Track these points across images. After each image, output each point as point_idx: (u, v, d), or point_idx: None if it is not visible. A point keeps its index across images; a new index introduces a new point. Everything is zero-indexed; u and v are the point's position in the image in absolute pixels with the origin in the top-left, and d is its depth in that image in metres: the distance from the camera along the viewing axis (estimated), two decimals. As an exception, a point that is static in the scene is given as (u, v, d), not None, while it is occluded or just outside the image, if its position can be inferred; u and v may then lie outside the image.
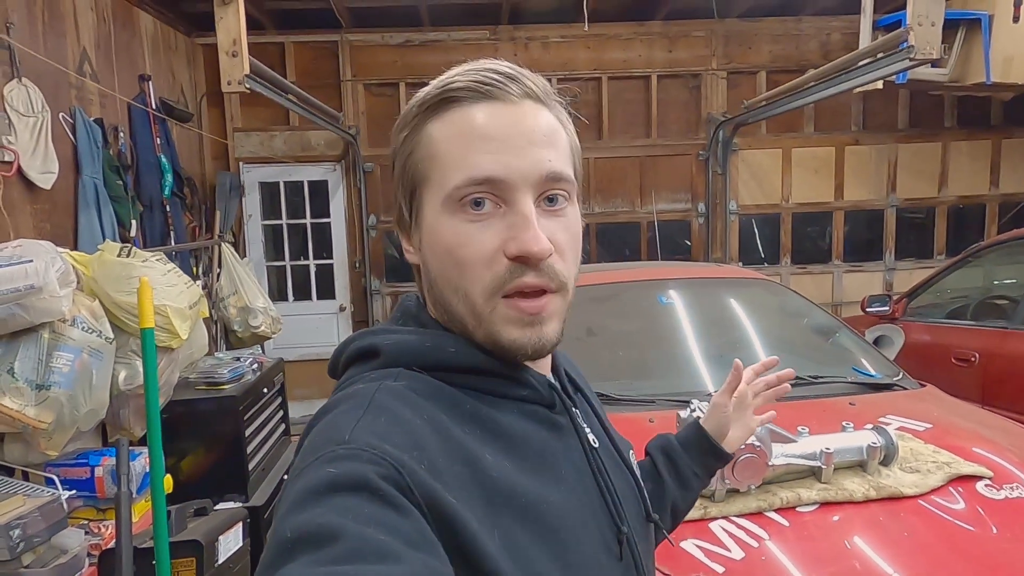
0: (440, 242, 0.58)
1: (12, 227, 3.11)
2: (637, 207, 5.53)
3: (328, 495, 0.45)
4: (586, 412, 0.71)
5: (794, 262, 5.65)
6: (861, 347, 2.52)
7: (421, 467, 0.48)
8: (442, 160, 0.58)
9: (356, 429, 0.50)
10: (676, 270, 3.08)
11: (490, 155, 0.56)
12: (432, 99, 0.59)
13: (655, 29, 5.42)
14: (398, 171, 0.62)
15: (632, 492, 0.72)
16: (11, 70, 3.18)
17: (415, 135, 0.60)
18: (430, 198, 0.59)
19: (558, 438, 0.63)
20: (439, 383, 0.58)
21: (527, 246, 0.55)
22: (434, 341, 0.60)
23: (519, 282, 0.57)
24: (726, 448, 0.95)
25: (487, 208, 0.57)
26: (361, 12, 5.13)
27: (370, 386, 0.55)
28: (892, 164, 5.58)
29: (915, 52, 2.89)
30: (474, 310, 0.58)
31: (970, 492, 1.50)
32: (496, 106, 0.58)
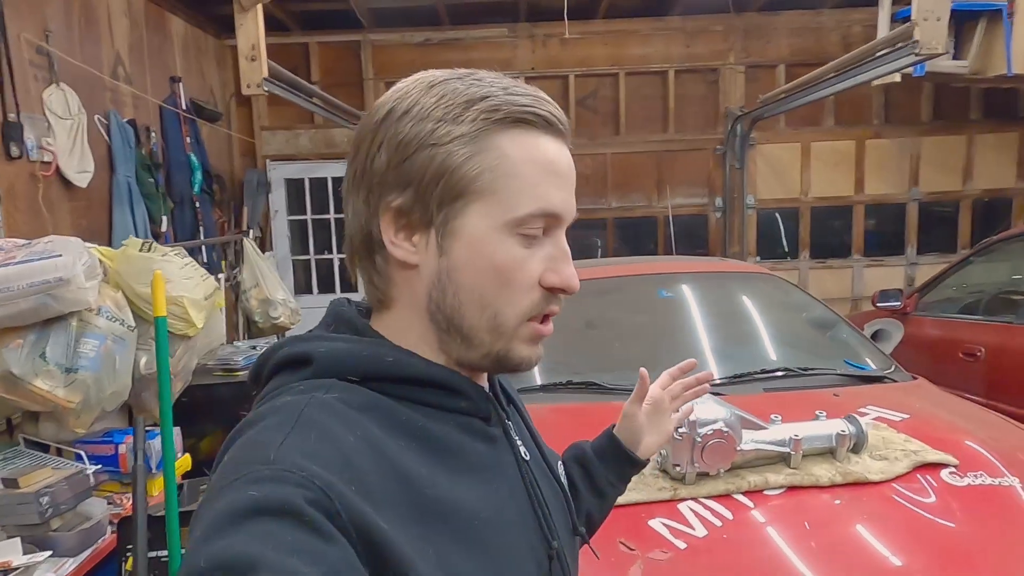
0: (490, 259, 0.57)
1: (52, 223, 3.32)
2: (654, 202, 5.57)
3: (249, 520, 0.43)
4: (518, 424, 0.72)
5: (813, 256, 5.63)
6: (856, 340, 2.56)
7: (351, 489, 0.47)
8: (518, 181, 0.57)
9: (283, 447, 0.47)
10: (679, 265, 3.14)
11: (558, 191, 0.59)
12: (506, 112, 0.57)
13: (673, 24, 5.44)
14: (434, 165, 0.57)
15: (561, 505, 0.72)
16: (50, 75, 3.38)
17: (477, 140, 0.57)
18: (488, 211, 0.57)
19: (493, 451, 0.63)
20: (374, 395, 0.57)
21: (571, 283, 0.60)
22: (371, 350, 0.59)
23: (548, 309, 0.60)
24: (641, 455, 0.94)
25: (536, 237, 0.59)
26: (382, 12, 5.26)
27: (299, 399, 0.53)
28: (915, 158, 5.52)
29: (920, 48, 2.90)
30: (499, 328, 0.59)
31: (934, 479, 1.56)
32: (559, 144, 0.60)
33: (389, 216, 0.58)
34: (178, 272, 1.94)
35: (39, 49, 3.31)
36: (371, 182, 0.58)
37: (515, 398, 0.76)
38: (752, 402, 2.00)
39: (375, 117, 0.59)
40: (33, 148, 3.23)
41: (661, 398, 0.95)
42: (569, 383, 2.24)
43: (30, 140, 3.21)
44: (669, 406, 0.97)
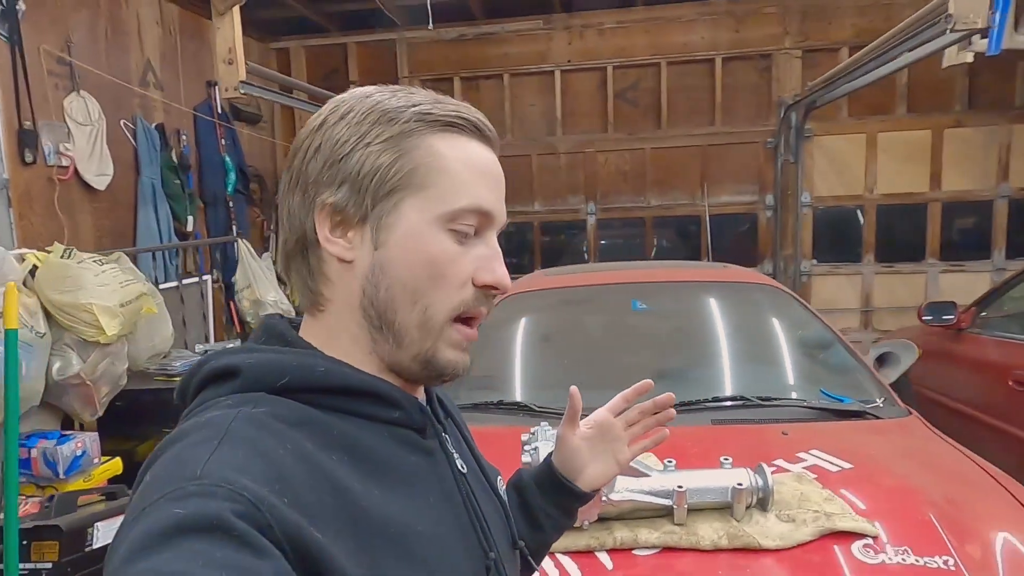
0: (424, 252, 0.58)
1: (70, 225, 3.50)
2: (698, 200, 5.21)
3: (175, 538, 0.41)
4: (456, 438, 0.71)
5: (879, 260, 5.06)
6: (850, 366, 2.22)
7: (283, 501, 0.46)
8: (451, 178, 0.59)
9: (210, 462, 0.46)
10: (670, 272, 2.87)
11: (492, 192, 0.61)
12: (439, 115, 0.60)
13: (720, 8, 5.05)
14: (369, 162, 0.58)
15: (500, 518, 0.72)
16: (71, 83, 3.57)
17: (413, 139, 0.59)
18: (422, 206, 0.58)
19: (428, 463, 0.62)
20: (305, 408, 0.55)
21: (504, 281, 0.61)
22: (301, 360, 0.58)
23: (478, 309, 0.61)
24: (583, 487, 0.87)
25: (470, 235, 0.60)
26: (416, 10, 5.22)
27: (226, 413, 0.51)
28: (1004, 148, 4.83)
29: (954, 23, 2.48)
30: (428, 323, 0.59)
31: (843, 552, 1.28)
32: (488, 151, 0.62)
33: (324, 213, 0.59)
34: (92, 279, 1.95)
35: (60, 60, 3.50)
36: (306, 182, 0.59)
37: (453, 411, 0.75)
38: (691, 436, 1.77)
39: (312, 125, 0.61)
40: (51, 153, 3.41)
41: (610, 424, 0.88)
42: (500, 403, 2.07)
43: (48, 146, 3.40)
44: (623, 433, 0.89)
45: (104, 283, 2.02)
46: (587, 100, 5.34)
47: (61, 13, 3.55)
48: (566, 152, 5.35)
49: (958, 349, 3.26)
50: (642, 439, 0.91)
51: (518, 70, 5.34)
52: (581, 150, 5.32)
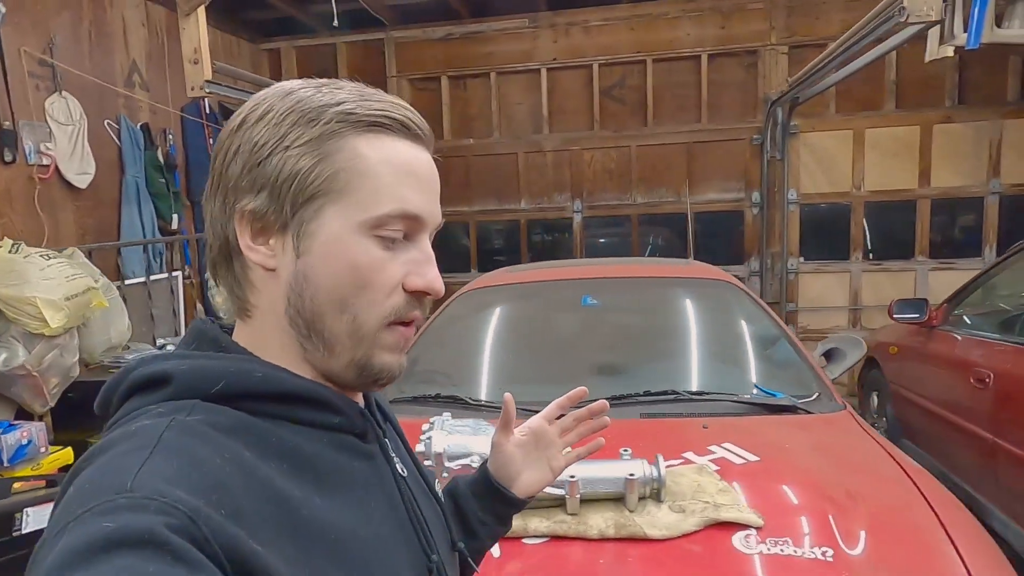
0: (347, 259, 0.56)
1: (50, 223, 3.58)
2: (684, 197, 5.19)
3: (103, 555, 0.38)
4: (395, 442, 0.70)
5: (867, 258, 5.00)
6: (791, 362, 2.21)
7: (220, 513, 0.44)
8: (373, 181, 0.56)
9: (141, 474, 0.44)
10: (628, 268, 2.88)
11: (419, 194, 0.58)
12: (362, 114, 0.57)
13: (705, 4, 5.03)
14: (288, 167, 0.55)
15: (439, 521, 0.71)
16: (53, 84, 3.65)
17: (333, 141, 0.56)
18: (344, 212, 0.56)
19: (369, 468, 0.61)
20: (242, 415, 0.53)
21: (434, 285, 0.59)
22: (237, 365, 0.56)
23: (411, 314, 0.59)
24: (519, 493, 0.87)
25: (398, 239, 0.58)
26: (406, 9, 5.26)
27: (158, 422, 0.49)
28: (995, 144, 4.75)
29: (908, 15, 2.45)
30: (359, 332, 0.57)
31: (723, 542, 1.28)
32: (417, 148, 0.60)
33: (244, 220, 0.57)
34: (37, 273, 2.01)
35: (41, 62, 3.58)
36: (226, 187, 0.57)
37: (390, 415, 0.74)
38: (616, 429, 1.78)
39: (231, 125, 0.58)
40: (32, 153, 3.50)
41: (544, 431, 0.89)
42: (437, 396, 2.10)
43: (29, 145, 3.48)
44: (557, 440, 0.90)
45: (49, 277, 2.08)
46: (573, 98, 5.35)
47: (43, 16, 3.64)
48: (552, 150, 5.36)
49: (929, 347, 3.22)
50: (577, 447, 0.91)
51: (505, 68, 5.36)
52: (567, 148, 5.33)
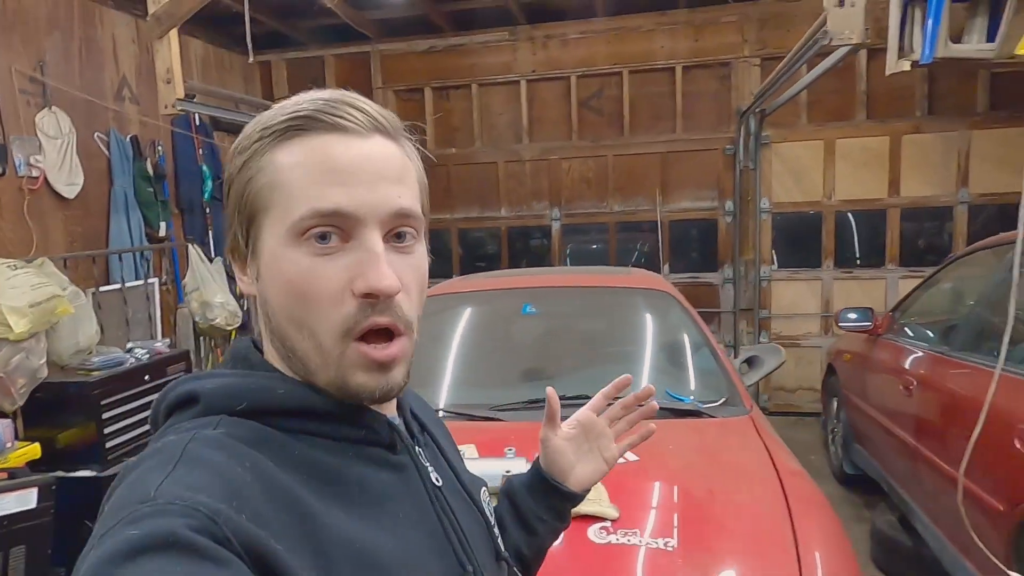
0: (282, 275, 0.55)
1: (40, 232, 3.78)
2: (660, 205, 5.30)
3: (133, 561, 0.40)
4: (432, 451, 0.70)
5: (838, 265, 5.09)
6: (709, 368, 2.33)
7: (242, 516, 0.45)
8: (287, 189, 0.54)
9: (164, 484, 0.45)
10: (569, 278, 3.01)
11: (339, 188, 0.54)
12: (277, 125, 0.56)
13: (679, 18, 5.14)
14: (234, 196, 0.58)
15: (480, 530, 0.70)
16: (43, 100, 3.86)
17: (256, 160, 0.56)
18: (271, 228, 0.55)
19: (398, 480, 0.61)
20: (266, 429, 0.55)
21: (375, 283, 0.53)
22: (260, 383, 0.57)
23: (370, 322, 0.55)
24: (573, 487, 0.85)
25: (333, 242, 0.54)
26: (391, 23, 5.43)
27: (182, 436, 0.51)
28: (963, 154, 4.81)
29: (831, 38, 2.56)
30: (320, 348, 0.55)
31: (579, 532, 1.42)
32: (346, 138, 0.55)
33: (230, 253, 0.61)
34: (4, 282, 2.18)
35: (32, 79, 3.79)
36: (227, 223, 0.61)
37: (429, 425, 0.73)
38: (529, 430, 1.92)
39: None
40: (22, 165, 3.71)
41: (592, 422, 0.87)
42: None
43: (19, 158, 3.69)
44: (607, 430, 0.88)
45: (15, 286, 2.26)
46: (552, 108, 5.48)
47: (34, 35, 3.85)
48: (531, 159, 5.50)
49: (873, 355, 3.32)
50: (629, 435, 0.89)
51: (486, 80, 5.51)
52: (546, 157, 5.46)
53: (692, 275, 5.37)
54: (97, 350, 2.76)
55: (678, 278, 5.37)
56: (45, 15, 3.93)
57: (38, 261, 2.54)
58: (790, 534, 1.43)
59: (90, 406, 2.48)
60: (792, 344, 5.23)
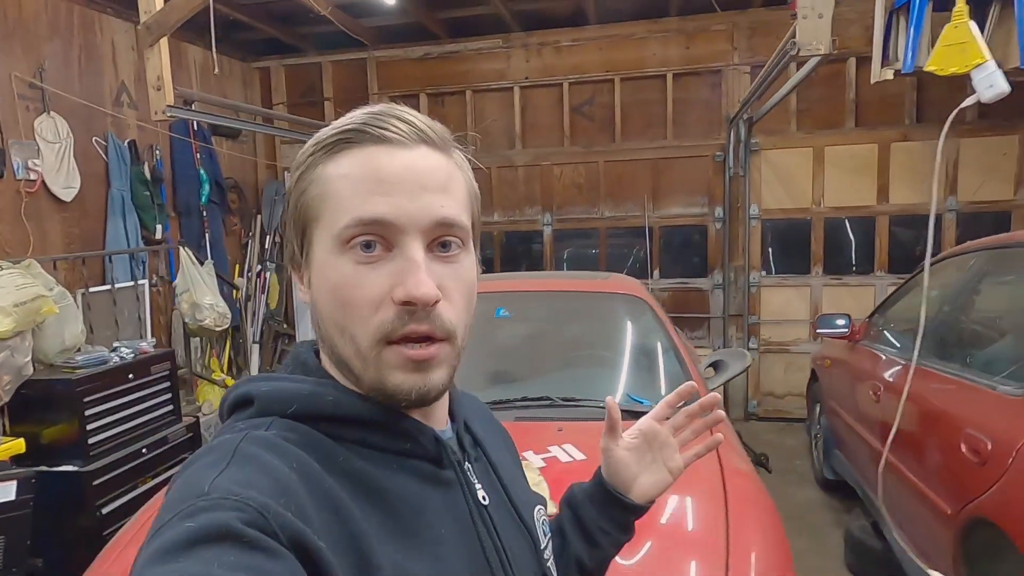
0: (328, 281, 0.57)
1: (38, 233, 3.89)
2: (650, 212, 5.35)
3: (188, 550, 0.43)
4: (483, 466, 0.69)
5: (827, 272, 5.11)
6: (673, 372, 2.38)
7: (289, 512, 0.47)
8: (334, 200, 0.57)
9: (217, 480, 0.48)
10: (550, 282, 3.06)
11: (381, 197, 0.56)
12: (327, 139, 0.59)
13: (670, 26, 5.20)
14: (291, 209, 0.61)
15: (527, 552, 0.68)
16: (42, 106, 3.96)
17: (309, 174, 0.59)
18: (320, 237, 0.58)
19: (442, 495, 0.61)
20: (314, 432, 0.57)
21: (412, 291, 0.54)
22: (312, 388, 0.59)
23: (407, 329, 0.56)
24: (636, 498, 0.83)
25: (377, 251, 0.56)
26: (387, 30, 5.52)
27: (235, 436, 0.54)
28: (951, 162, 4.83)
29: (798, 49, 2.61)
30: (359, 352, 0.57)
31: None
32: (390, 150, 0.57)
33: (290, 263, 0.64)
34: (-12, 283, 2.27)
35: (31, 85, 3.90)
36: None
37: (485, 439, 0.72)
38: None
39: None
40: (20, 168, 3.81)
41: (655, 431, 0.85)
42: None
43: (17, 162, 3.80)
44: (671, 440, 0.86)
45: (1, 286, 2.34)
46: (545, 115, 5.55)
47: (35, 42, 3.96)
48: (524, 165, 5.56)
49: (849, 361, 3.35)
50: (694, 444, 0.87)
51: (480, 87, 5.58)
52: (538, 163, 5.53)
53: (682, 281, 5.41)
54: (83, 349, 2.85)
55: (668, 283, 5.41)
56: (46, 22, 4.04)
57: (25, 262, 2.63)
58: (723, 534, 1.48)
59: (73, 403, 2.56)
60: (781, 350, 5.26)
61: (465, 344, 0.61)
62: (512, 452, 0.79)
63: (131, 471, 2.78)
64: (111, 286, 3.76)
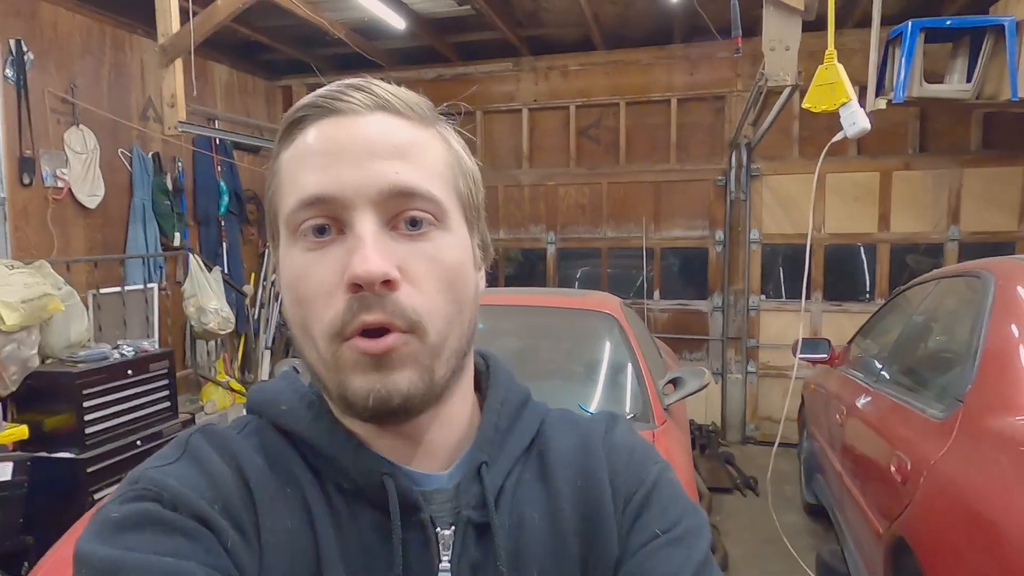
0: (285, 278, 0.51)
1: (62, 237, 4.16)
2: (651, 233, 5.44)
3: (115, 535, 0.45)
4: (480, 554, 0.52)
5: (827, 298, 5.12)
6: (631, 387, 2.47)
7: (213, 507, 0.47)
8: (284, 184, 0.51)
9: (149, 470, 0.49)
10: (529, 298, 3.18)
11: (320, 171, 0.48)
12: (285, 122, 0.52)
13: (676, 53, 5.31)
14: (266, 209, 0.55)
15: None
16: (72, 119, 4.25)
17: (272, 165, 0.53)
18: (282, 231, 0.52)
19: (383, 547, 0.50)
20: (275, 438, 0.54)
21: (356, 271, 0.46)
22: (275, 395, 0.55)
23: (358, 321, 0.47)
24: None
25: (330, 235, 0.49)
26: (401, 52, 5.75)
27: (193, 430, 0.54)
28: (954, 192, 4.83)
29: (766, 79, 2.71)
30: (320, 356, 0.49)
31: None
32: (340, 120, 0.50)
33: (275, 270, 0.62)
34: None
35: (63, 100, 4.19)
36: None
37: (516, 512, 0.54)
38: None
39: None
40: (49, 176, 4.10)
41: None
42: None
43: (47, 171, 4.08)
44: None
45: (10, 284, 2.56)
46: (552, 136, 5.69)
47: (67, 60, 4.26)
48: (529, 184, 5.71)
49: (826, 385, 3.39)
50: None
51: (489, 108, 5.76)
52: (543, 183, 5.67)
53: (682, 303, 5.46)
54: (89, 345, 3.06)
55: (668, 304, 5.48)
56: (79, 42, 4.35)
57: (37, 263, 2.86)
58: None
59: (72, 395, 2.77)
60: (780, 375, 5.26)
61: (453, 346, 0.50)
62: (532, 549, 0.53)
63: (125, 461, 2.96)
64: (120, 288, 3.99)
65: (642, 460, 0.57)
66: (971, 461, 1.50)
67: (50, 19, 4.14)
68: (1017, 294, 1.82)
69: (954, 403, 1.73)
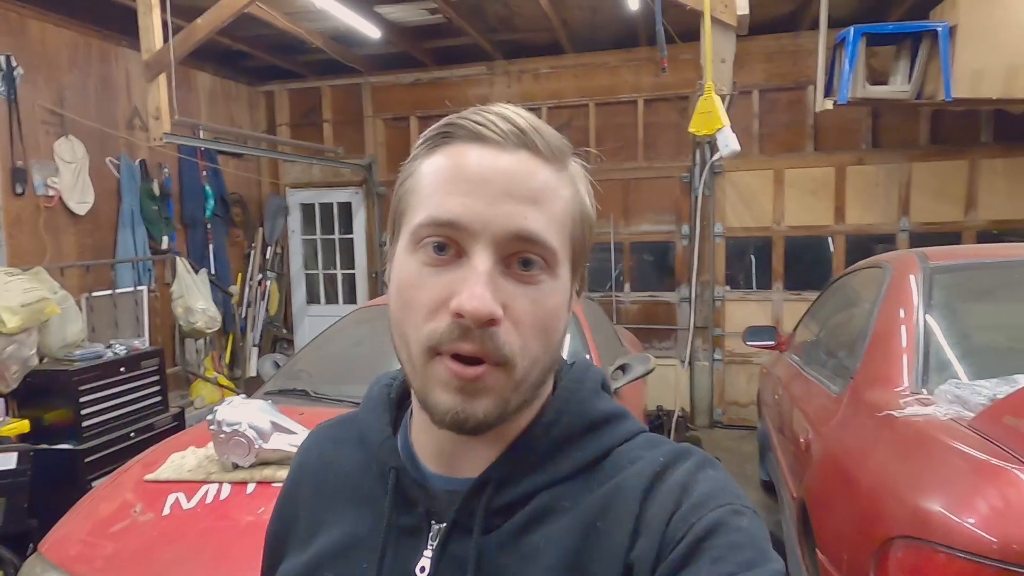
0: (397, 280, 0.54)
1: (53, 243, 4.36)
2: (620, 229, 5.68)
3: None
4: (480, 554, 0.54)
5: (788, 288, 5.39)
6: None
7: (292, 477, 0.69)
8: (418, 195, 0.54)
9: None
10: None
11: (459, 197, 0.51)
12: (430, 133, 0.56)
13: (641, 55, 5.55)
14: (392, 203, 0.58)
15: None
16: (61, 129, 4.45)
17: (409, 167, 0.56)
18: (403, 232, 0.55)
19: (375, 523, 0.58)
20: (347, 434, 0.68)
21: (464, 303, 0.49)
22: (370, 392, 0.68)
23: (454, 345, 0.50)
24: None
25: (448, 255, 0.51)
26: (378, 58, 5.96)
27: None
28: (904, 185, 5.09)
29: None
30: (411, 359, 0.52)
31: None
32: (483, 149, 0.52)
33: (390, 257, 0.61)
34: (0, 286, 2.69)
35: (53, 112, 4.39)
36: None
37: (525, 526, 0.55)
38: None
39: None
40: (40, 185, 4.29)
41: None
42: (293, 390, 2.70)
43: (38, 180, 4.28)
44: None
45: (9, 289, 2.78)
46: (525, 137, 5.91)
47: (55, 73, 4.45)
48: (505, 184, 5.93)
49: (773, 370, 3.64)
50: None
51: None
52: (518, 182, 5.89)
53: (651, 294, 5.72)
54: (84, 345, 3.28)
55: (638, 296, 5.73)
56: (66, 56, 4.54)
57: (34, 270, 3.07)
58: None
59: (70, 391, 2.99)
60: (744, 361, 5.53)
61: (533, 380, 0.53)
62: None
63: (120, 452, 3.18)
64: (112, 291, 4.20)
65: (699, 503, 0.51)
66: (848, 428, 1.74)
67: (38, 35, 4.33)
68: (907, 283, 2.07)
69: (848, 379, 1.98)
